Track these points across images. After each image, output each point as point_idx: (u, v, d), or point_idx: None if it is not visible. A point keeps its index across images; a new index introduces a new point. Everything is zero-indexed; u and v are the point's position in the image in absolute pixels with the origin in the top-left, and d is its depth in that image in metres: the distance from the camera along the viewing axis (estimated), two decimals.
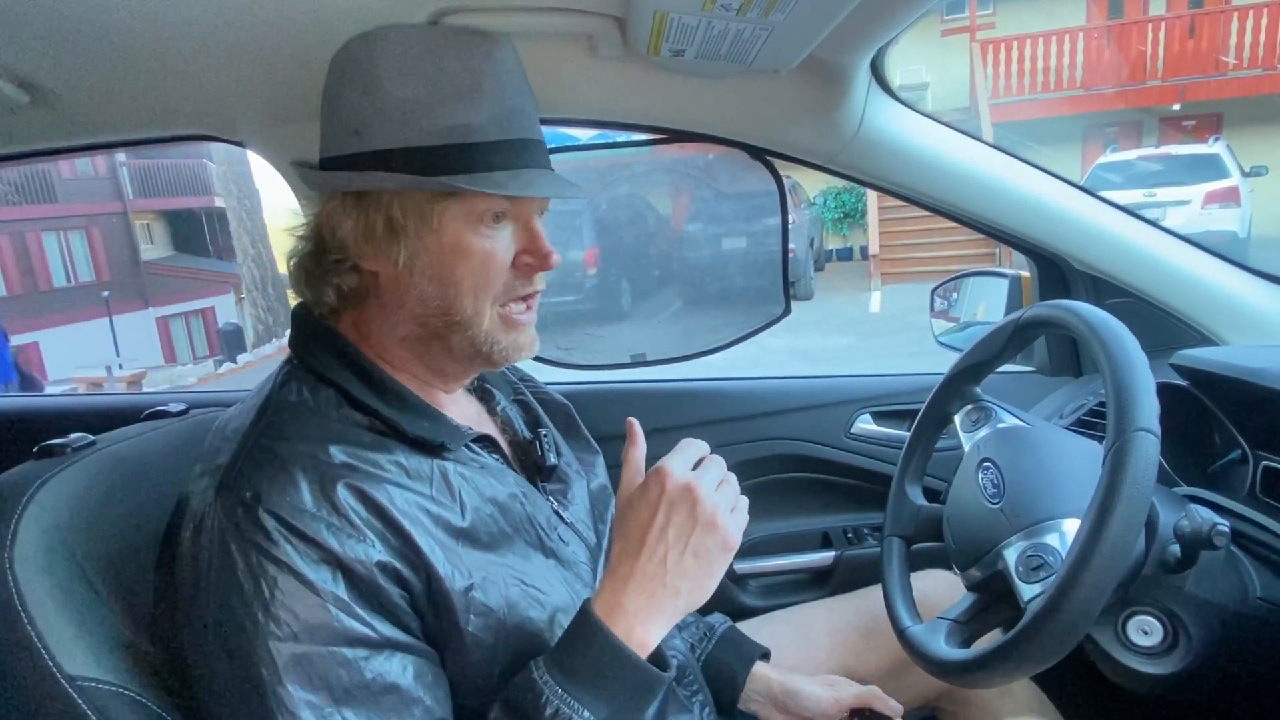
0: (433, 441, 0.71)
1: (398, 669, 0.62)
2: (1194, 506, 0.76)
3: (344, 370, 0.72)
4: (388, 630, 0.63)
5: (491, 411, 0.88)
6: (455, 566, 0.66)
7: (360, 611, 0.61)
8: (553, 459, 0.85)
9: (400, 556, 0.64)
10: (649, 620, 0.66)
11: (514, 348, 0.76)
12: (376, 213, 0.70)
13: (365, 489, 0.64)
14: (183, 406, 0.97)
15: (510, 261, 0.73)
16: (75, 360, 12.41)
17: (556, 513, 0.83)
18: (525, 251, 0.74)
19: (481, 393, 0.89)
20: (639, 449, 0.75)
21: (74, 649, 0.64)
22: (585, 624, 0.66)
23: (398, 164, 0.69)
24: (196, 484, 0.68)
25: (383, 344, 0.76)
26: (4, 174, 13.93)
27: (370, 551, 0.62)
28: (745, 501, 0.73)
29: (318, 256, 0.74)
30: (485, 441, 0.78)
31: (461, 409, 0.82)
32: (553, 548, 0.78)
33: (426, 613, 0.66)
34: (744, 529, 0.72)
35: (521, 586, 0.71)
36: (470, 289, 0.72)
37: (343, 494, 0.63)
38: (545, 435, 0.87)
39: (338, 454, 0.66)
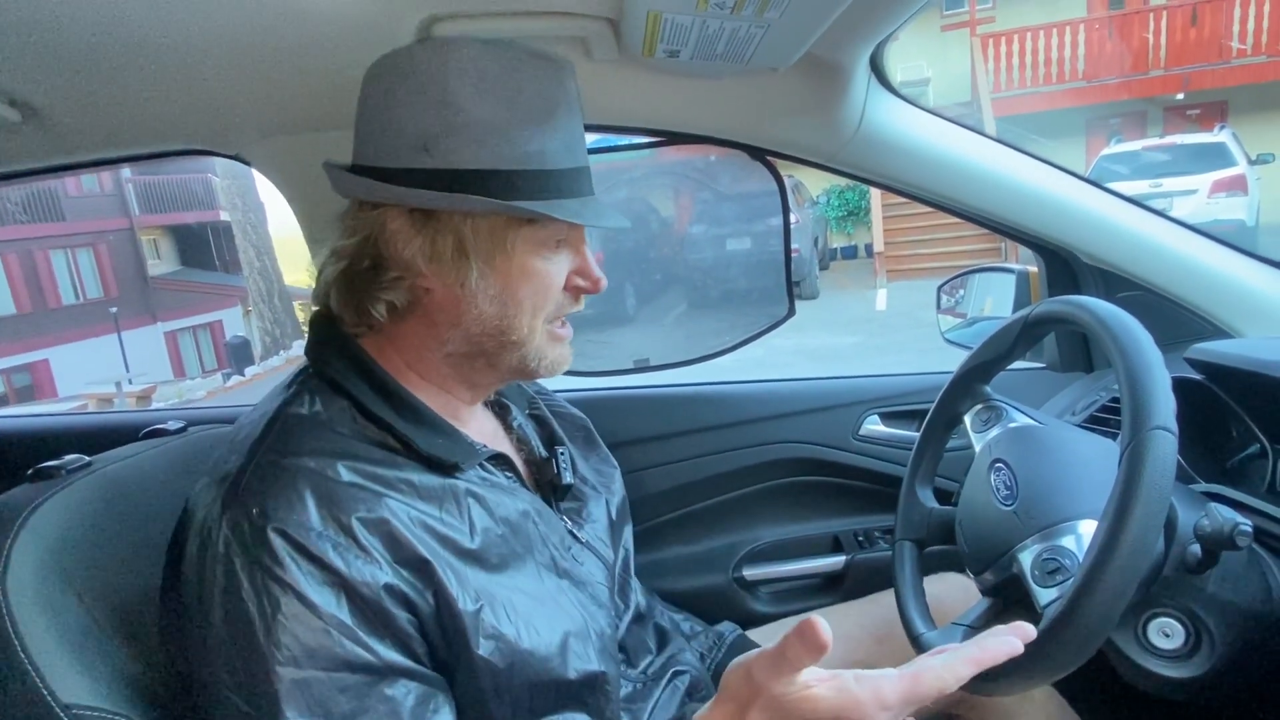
0: (446, 461, 0.70)
1: (400, 695, 0.61)
2: (1214, 505, 0.74)
3: (360, 382, 0.71)
4: (392, 656, 0.61)
5: (508, 428, 0.87)
6: (464, 588, 0.65)
7: (364, 636, 0.60)
8: (568, 477, 0.84)
9: (407, 579, 0.63)
10: None
11: (558, 362, 0.77)
12: (446, 233, 0.69)
13: (373, 508, 0.63)
14: (181, 424, 0.96)
15: (564, 284, 0.75)
16: (85, 376, 12.49)
17: (571, 532, 0.81)
18: (577, 274, 0.76)
19: (498, 407, 0.88)
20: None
21: (70, 677, 0.62)
22: None
23: (474, 185, 0.68)
24: (203, 495, 0.66)
25: (420, 358, 0.75)
26: (11, 194, 14.06)
27: (378, 573, 0.61)
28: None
29: (373, 272, 0.71)
30: (499, 460, 0.77)
31: (479, 425, 0.81)
32: (566, 568, 0.76)
33: (435, 636, 0.64)
34: None
35: (532, 610, 0.69)
36: (529, 310, 0.73)
37: (350, 513, 0.62)
38: (561, 453, 0.86)
39: (345, 472, 0.64)
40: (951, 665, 0.55)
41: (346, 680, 0.59)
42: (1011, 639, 0.56)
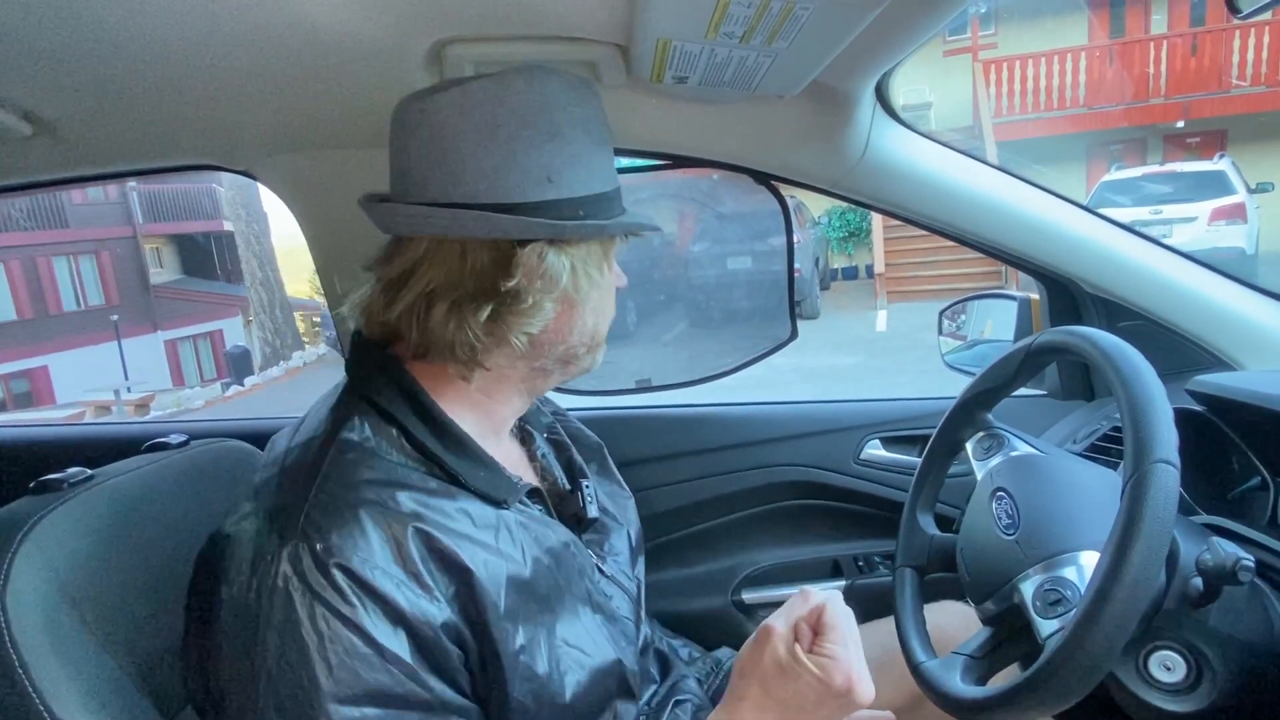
0: (494, 496, 0.70)
1: None
2: (1216, 539, 0.74)
3: (408, 411, 0.70)
4: (444, 692, 0.62)
5: (532, 457, 0.87)
6: (512, 623, 0.65)
7: (422, 674, 0.61)
8: (594, 511, 0.84)
9: (463, 615, 0.63)
10: None
11: None
12: (582, 256, 0.72)
13: (436, 539, 0.63)
14: (183, 438, 0.96)
15: None
16: (84, 384, 12.47)
17: (598, 566, 0.82)
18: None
19: (522, 434, 0.88)
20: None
21: (68, 694, 0.62)
22: None
23: (595, 210, 0.72)
24: (246, 521, 0.65)
25: (500, 378, 0.75)
26: (15, 200, 14.09)
27: (436, 612, 0.62)
28: None
29: (529, 309, 0.70)
30: (533, 493, 0.77)
31: (507, 452, 0.81)
32: (599, 602, 0.77)
33: (477, 671, 0.65)
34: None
35: (565, 648, 0.70)
36: (608, 315, 0.79)
37: (413, 546, 0.62)
38: (586, 486, 0.86)
39: (406, 501, 0.64)
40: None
41: (404, 718, 0.60)
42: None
